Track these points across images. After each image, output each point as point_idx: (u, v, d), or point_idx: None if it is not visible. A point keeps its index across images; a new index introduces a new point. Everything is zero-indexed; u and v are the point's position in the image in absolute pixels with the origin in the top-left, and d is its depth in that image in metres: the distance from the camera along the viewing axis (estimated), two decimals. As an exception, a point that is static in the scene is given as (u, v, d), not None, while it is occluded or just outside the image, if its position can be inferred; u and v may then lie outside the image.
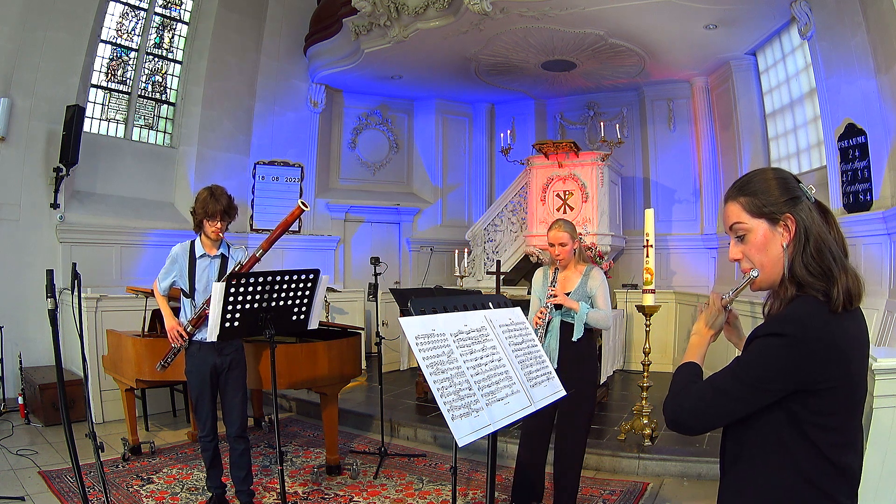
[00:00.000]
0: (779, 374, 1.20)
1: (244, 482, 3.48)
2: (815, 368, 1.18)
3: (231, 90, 7.90)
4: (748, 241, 1.32)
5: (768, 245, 1.29)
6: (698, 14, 5.93)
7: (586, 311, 3.13)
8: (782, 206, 1.27)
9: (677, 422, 1.31)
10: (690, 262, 7.95)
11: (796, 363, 1.18)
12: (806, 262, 1.24)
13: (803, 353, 1.18)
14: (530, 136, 8.94)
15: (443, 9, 6.32)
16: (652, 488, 3.90)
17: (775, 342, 1.20)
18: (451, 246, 8.35)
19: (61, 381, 2.69)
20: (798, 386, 1.19)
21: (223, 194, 3.36)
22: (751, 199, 1.30)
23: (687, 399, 1.31)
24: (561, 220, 3.32)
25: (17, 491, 3.67)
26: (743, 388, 1.23)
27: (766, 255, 1.30)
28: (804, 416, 1.21)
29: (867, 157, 4.85)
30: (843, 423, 1.23)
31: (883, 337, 4.46)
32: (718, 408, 1.27)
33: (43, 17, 6.03)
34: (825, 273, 1.23)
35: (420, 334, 1.65)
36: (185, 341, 3.35)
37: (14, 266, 5.90)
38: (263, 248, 3.34)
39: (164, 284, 3.45)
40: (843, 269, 1.24)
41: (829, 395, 1.20)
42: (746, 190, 1.32)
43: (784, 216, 1.27)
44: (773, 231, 1.29)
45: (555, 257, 3.28)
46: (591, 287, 3.23)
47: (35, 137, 6.09)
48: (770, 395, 1.22)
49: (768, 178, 1.31)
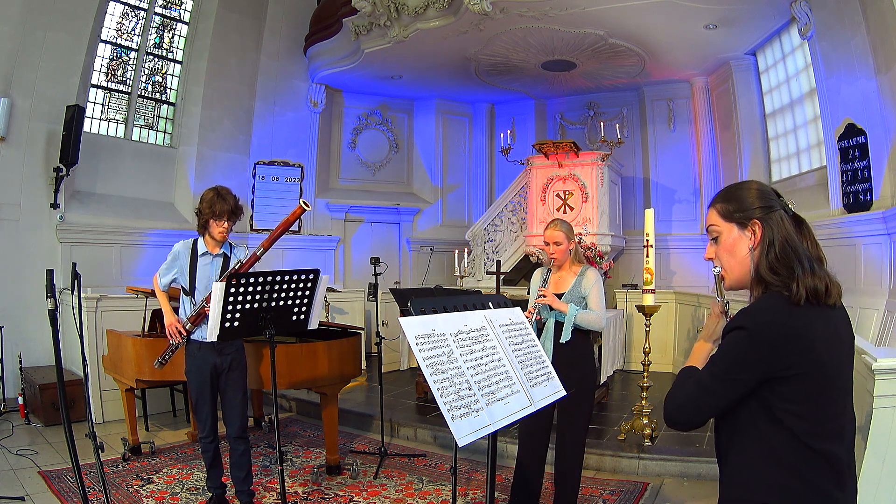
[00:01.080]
0: (743, 365, 1.30)
1: (244, 482, 3.48)
2: (777, 356, 1.27)
3: (231, 90, 7.90)
4: (720, 243, 1.46)
5: (736, 247, 1.43)
6: (698, 14, 5.93)
7: (574, 314, 3.11)
8: (752, 212, 1.40)
9: (670, 419, 1.43)
10: (690, 262, 7.95)
11: (758, 352, 1.28)
12: (770, 263, 1.35)
13: (763, 341, 1.27)
14: (530, 136, 8.94)
15: (443, 9, 6.32)
16: (652, 488, 3.90)
17: (738, 335, 1.31)
18: (451, 246, 8.35)
19: (61, 381, 2.69)
20: (764, 374, 1.28)
21: (229, 194, 3.37)
22: (725, 205, 1.45)
23: (678, 397, 1.42)
24: (558, 219, 3.32)
25: (17, 491, 3.67)
26: (716, 381, 1.34)
27: (734, 256, 1.43)
28: (776, 404, 1.29)
29: (867, 157, 4.85)
30: (816, 412, 1.29)
31: (883, 337, 4.45)
32: (700, 403, 1.37)
33: (43, 17, 6.03)
34: (787, 271, 1.33)
35: (420, 334, 1.65)
36: (184, 338, 3.35)
37: (14, 266, 5.90)
38: (264, 247, 3.34)
39: (165, 280, 3.45)
40: (808, 271, 1.32)
41: (796, 383, 1.27)
42: (725, 197, 1.46)
43: (752, 222, 1.40)
44: (741, 235, 1.42)
45: (549, 256, 3.28)
46: (585, 287, 3.21)
47: (35, 137, 6.09)
48: (740, 384, 1.31)
49: (747, 187, 1.45)
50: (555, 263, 3.29)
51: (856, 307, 4.94)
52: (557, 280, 3.29)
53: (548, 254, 3.29)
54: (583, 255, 3.56)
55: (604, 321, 3.21)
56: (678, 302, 7.03)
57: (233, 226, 3.41)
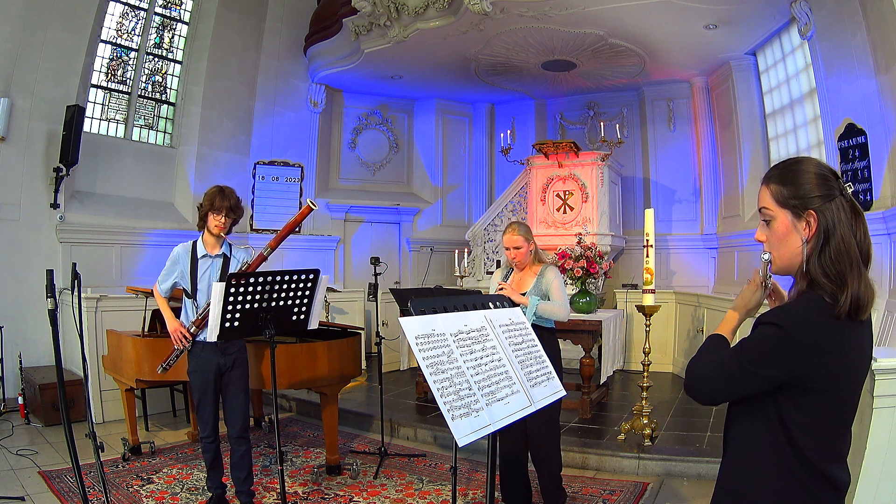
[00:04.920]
0: (770, 361, 1.24)
1: (244, 482, 3.48)
2: (805, 365, 1.21)
3: (231, 90, 7.90)
4: (772, 228, 1.34)
5: (788, 236, 1.31)
6: (698, 14, 5.94)
7: (535, 304, 3.18)
8: (809, 201, 1.27)
9: (689, 386, 1.39)
10: (690, 262, 7.95)
11: (787, 356, 1.22)
12: (822, 262, 1.25)
13: (795, 346, 1.21)
14: (530, 136, 8.94)
15: (443, 9, 6.32)
16: (652, 488, 3.90)
17: (771, 331, 1.24)
18: (451, 246, 8.35)
19: (61, 381, 2.69)
20: (787, 378, 1.23)
21: (233, 194, 3.44)
22: (781, 187, 1.32)
23: (700, 367, 1.38)
24: (515, 222, 3.41)
25: (17, 491, 3.67)
26: (739, 368, 1.28)
27: (785, 246, 1.32)
28: (790, 412, 1.25)
29: (867, 157, 4.85)
30: (827, 429, 1.26)
31: (883, 337, 4.45)
32: (719, 383, 1.33)
33: (43, 17, 6.03)
34: (838, 277, 1.24)
35: (420, 334, 1.65)
36: (189, 343, 3.35)
37: (14, 266, 5.90)
38: (271, 247, 3.37)
39: (165, 286, 3.45)
40: (857, 277, 1.24)
41: (818, 397, 1.23)
42: (781, 177, 1.33)
43: (807, 212, 1.28)
44: (795, 224, 1.30)
45: (511, 260, 3.36)
46: (546, 284, 3.31)
47: (35, 137, 6.09)
48: (761, 380, 1.26)
49: (806, 170, 1.31)
50: (517, 267, 3.39)
51: (856, 307, 4.94)
52: (518, 280, 3.38)
53: (509, 258, 3.38)
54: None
55: (566, 310, 3.28)
56: (678, 302, 7.03)
57: (231, 224, 3.44)
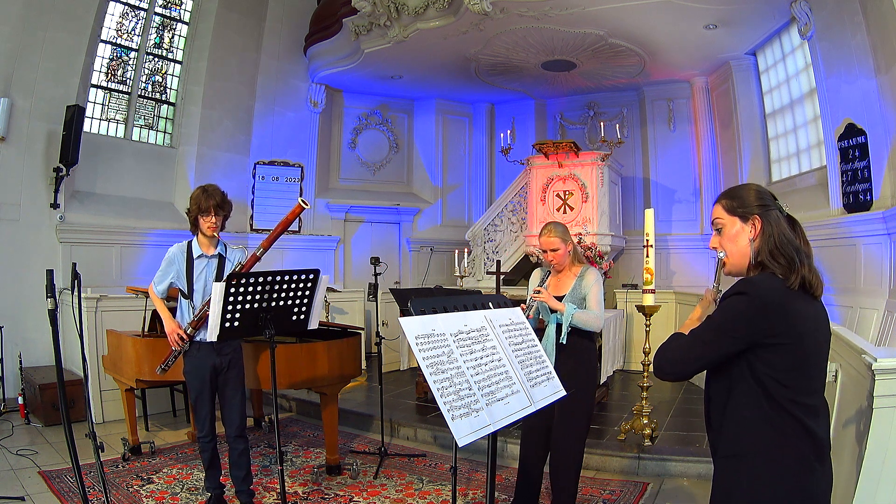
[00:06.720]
0: (740, 321, 1.49)
1: (244, 482, 3.48)
2: (768, 324, 1.46)
3: (231, 90, 7.90)
4: (724, 234, 1.66)
5: (738, 237, 1.63)
6: (698, 14, 5.94)
7: (572, 313, 3.06)
8: (752, 209, 1.61)
9: (658, 366, 1.63)
10: (690, 262, 7.95)
11: (753, 315, 1.47)
12: (771, 250, 1.55)
13: (759, 308, 1.47)
14: (530, 136, 8.94)
15: (443, 9, 6.32)
16: (652, 488, 3.90)
17: (738, 298, 1.51)
18: (451, 246, 8.35)
19: (61, 381, 2.69)
20: (753, 336, 1.47)
21: (216, 190, 3.37)
22: (730, 201, 1.65)
23: (669, 350, 1.63)
24: (550, 223, 3.24)
25: (17, 491, 3.67)
26: (710, 331, 1.54)
27: (736, 246, 1.63)
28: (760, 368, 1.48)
29: (867, 157, 4.85)
30: (795, 382, 1.48)
31: (883, 337, 4.45)
32: (692, 352, 1.56)
33: (43, 17, 6.03)
34: (788, 261, 1.52)
35: (420, 334, 1.65)
36: (186, 343, 3.34)
37: (14, 266, 5.90)
38: (264, 247, 3.34)
39: (161, 287, 3.43)
40: (804, 263, 1.52)
41: (780, 352, 1.46)
42: (729, 195, 1.67)
43: (752, 217, 1.60)
44: (743, 227, 1.62)
45: (548, 262, 3.23)
46: (585, 287, 3.17)
47: (35, 137, 6.09)
48: (732, 340, 1.50)
49: (747, 189, 1.66)
50: (556, 269, 3.24)
51: (856, 307, 4.94)
52: (557, 282, 3.24)
53: (546, 260, 3.24)
54: (582, 255, 3.51)
55: (601, 321, 3.16)
56: (678, 302, 7.03)
57: (223, 221, 3.39)
